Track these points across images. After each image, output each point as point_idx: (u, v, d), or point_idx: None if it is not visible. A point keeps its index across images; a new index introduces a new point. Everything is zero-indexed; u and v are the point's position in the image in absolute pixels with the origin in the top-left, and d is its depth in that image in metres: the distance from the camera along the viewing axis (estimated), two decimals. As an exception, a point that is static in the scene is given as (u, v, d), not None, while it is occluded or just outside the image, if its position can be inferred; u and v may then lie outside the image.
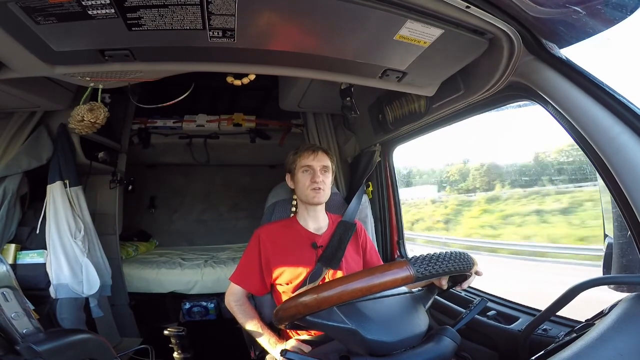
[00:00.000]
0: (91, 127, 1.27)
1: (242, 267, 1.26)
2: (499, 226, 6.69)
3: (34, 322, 0.62)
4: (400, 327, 0.74)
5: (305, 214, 1.31)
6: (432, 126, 1.44)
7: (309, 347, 1.04)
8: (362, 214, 1.70)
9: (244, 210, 3.63)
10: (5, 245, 1.63)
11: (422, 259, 0.66)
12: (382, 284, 0.63)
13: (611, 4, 0.70)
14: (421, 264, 0.65)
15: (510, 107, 1.12)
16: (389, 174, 1.83)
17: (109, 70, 0.98)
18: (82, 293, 1.67)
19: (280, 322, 0.73)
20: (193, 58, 0.96)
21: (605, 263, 0.89)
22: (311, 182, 1.24)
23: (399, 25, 0.81)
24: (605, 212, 0.89)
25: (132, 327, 2.15)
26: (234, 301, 1.24)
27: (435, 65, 1.02)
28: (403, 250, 1.82)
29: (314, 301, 0.65)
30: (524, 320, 1.10)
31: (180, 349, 1.20)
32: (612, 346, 0.55)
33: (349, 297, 0.64)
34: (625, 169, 0.70)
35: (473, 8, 0.76)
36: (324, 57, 0.96)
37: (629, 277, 0.78)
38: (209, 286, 2.38)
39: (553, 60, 0.84)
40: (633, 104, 0.73)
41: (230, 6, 0.74)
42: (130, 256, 2.61)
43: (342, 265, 1.23)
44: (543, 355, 0.66)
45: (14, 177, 1.61)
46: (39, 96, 1.44)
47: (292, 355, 0.70)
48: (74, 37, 0.82)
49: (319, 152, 1.28)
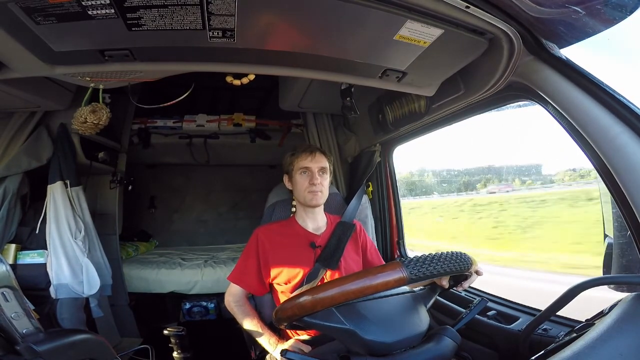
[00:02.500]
0: (94, 128, 1.28)
1: (240, 267, 1.26)
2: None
3: (34, 322, 0.63)
4: (399, 327, 0.74)
5: (303, 214, 1.31)
6: (432, 126, 1.44)
7: (309, 347, 1.04)
8: (362, 214, 1.70)
9: (244, 210, 3.63)
10: (5, 245, 1.63)
11: (416, 260, 0.66)
12: (375, 285, 0.63)
13: (611, 4, 0.70)
14: (415, 265, 0.65)
15: (510, 107, 1.12)
16: (389, 174, 1.83)
17: (109, 70, 0.98)
18: (82, 293, 1.67)
19: (280, 322, 0.73)
20: (193, 58, 0.96)
21: (605, 263, 0.89)
22: (309, 184, 1.24)
23: (399, 25, 0.81)
24: (605, 212, 0.89)
25: (132, 327, 2.15)
26: (233, 302, 1.24)
27: (435, 65, 1.02)
28: (403, 250, 1.82)
29: (310, 303, 0.65)
30: (524, 320, 1.10)
31: (180, 349, 1.20)
32: (612, 346, 0.55)
33: (344, 298, 0.64)
34: (625, 169, 0.70)
35: (473, 8, 0.76)
36: (324, 57, 0.96)
37: (629, 277, 0.78)
38: (208, 286, 2.38)
39: (553, 60, 0.84)
40: (633, 104, 0.73)
41: (230, 6, 0.74)
42: (130, 256, 2.61)
43: (341, 265, 1.23)
44: (543, 355, 0.66)
45: (14, 177, 1.61)
46: (39, 96, 1.44)
47: (292, 355, 0.70)
48: (74, 37, 0.82)
49: (317, 153, 1.27)
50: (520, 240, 2.86)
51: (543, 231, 2.78)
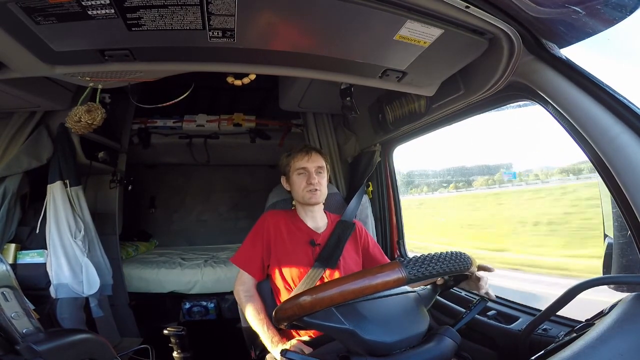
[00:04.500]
0: (88, 127, 1.27)
1: (246, 250, 1.25)
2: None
3: (34, 322, 0.63)
4: (399, 326, 0.74)
5: (303, 213, 1.32)
6: (432, 126, 1.44)
7: (310, 349, 1.03)
8: (363, 214, 1.70)
9: (244, 210, 3.63)
10: (5, 245, 1.63)
11: (415, 260, 0.66)
12: (374, 285, 0.63)
13: (611, 4, 0.70)
14: (414, 265, 0.64)
15: (510, 107, 1.12)
16: (389, 174, 1.83)
17: (108, 70, 0.98)
18: (82, 293, 1.67)
19: (279, 322, 0.73)
20: (193, 58, 0.96)
21: (605, 263, 0.89)
22: (307, 184, 1.25)
23: (398, 25, 0.81)
24: (605, 212, 0.89)
25: (132, 327, 2.14)
26: (243, 291, 1.21)
27: (435, 65, 1.02)
28: (403, 250, 1.83)
29: (310, 303, 0.65)
30: (524, 320, 1.10)
31: (180, 348, 1.21)
32: (612, 346, 0.55)
33: (343, 299, 0.64)
34: (625, 169, 0.70)
35: (473, 8, 0.76)
36: (324, 57, 0.96)
37: (629, 277, 0.78)
38: (208, 286, 2.38)
39: (553, 60, 0.84)
40: (633, 104, 0.73)
41: (230, 6, 0.74)
42: (130, 256, 2.61)
43: (340, 264, 1.23)
44: (543, 355, 0.66)
45: (14, 177, 1.61)
46: (39, 96, 1.44)
47: (292, 355, 0.70)
48: (74, 37, 0.82)
49: (313, 153, 1.28)
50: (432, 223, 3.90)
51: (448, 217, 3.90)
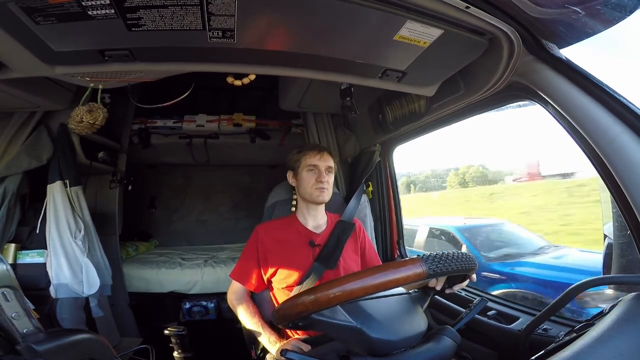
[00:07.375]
0: (90, 127, 1.28)
1: (241, 265, 1.27)
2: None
3: (34, 321, 0.63)
4: (402, 326, 0.75)
5: (305, 212, 1.32)
6: (432, 126, 1.44)
7: (309, 347, 1.04)
8: (361, 214, 1.70)
9: (244, 210, 3.62)
10: (5, 245, 1.63)
11: (432, 257, 0.68)
12: (396, 280, 0.65)
13: (611, 4, 0.70)
14: (433, 261, 0.67)
15: (510, 107, 1.12)
16: (388, 173, 1.83)
17: (109, 71, 0.98)
18: (82, 293, 1.66)
19: (283, 320, 0.73)
20: (193, 58, 0.96)
21: (605, 263, 0.89)
22: (317, 181, 1.26)
23: (398, 26, 0.81)
24: (605, 212, 0.89)
25: (132, 327, 2.14)
26: (235, 299, 1.25)
27: (435, 66, 1.02)
28: (403, 250, 1.83)
29: (325, 297, 0.65)
30: (524, 320, 1.10)
31: (180, 348, 1.21)
32: (612, 346, 0.55)
33: (364, 292, 0.65)
34: (625, 169, 0.70)
35: (473, 8, 0.76)
36: (324, 57, 0.96)
37: (629, 277, 0.78)
38: (208, 286, 2.38)
39: (553, 60, 0.84)
40: (633, 104, 0.73)
41: (230, 7, 0.74)
42: (130, 256, 2.61)
43: (340, 264, 1.23)
44: (543, 355, 0.66)
45: (14, 177, 1.61)
46: (39, 96, 1.44)
47: (292, 355, 0.70)
48: (74, 38, 0.82)
49: (324, 153, 1.30)
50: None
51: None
